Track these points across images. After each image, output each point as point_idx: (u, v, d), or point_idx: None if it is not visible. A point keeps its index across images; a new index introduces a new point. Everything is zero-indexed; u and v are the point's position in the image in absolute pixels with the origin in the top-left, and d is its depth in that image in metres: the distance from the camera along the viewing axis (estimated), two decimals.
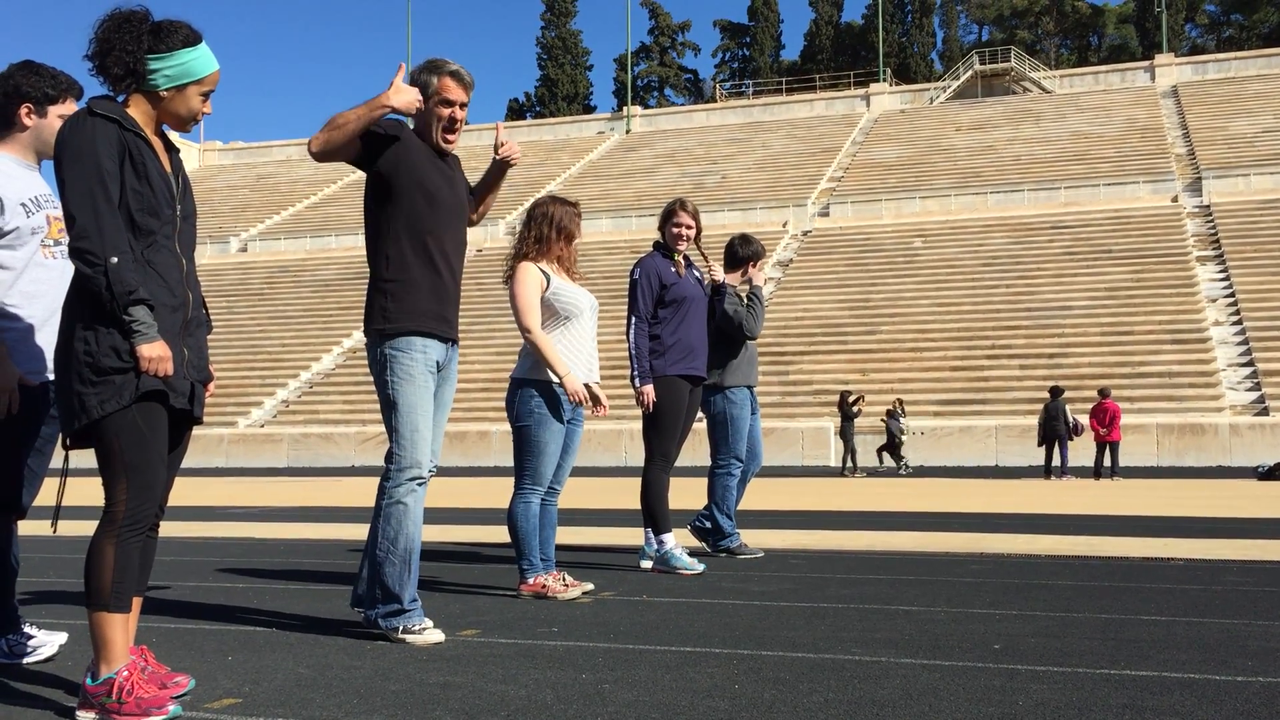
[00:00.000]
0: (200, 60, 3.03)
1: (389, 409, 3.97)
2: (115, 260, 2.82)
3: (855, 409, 23.01)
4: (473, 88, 4.09)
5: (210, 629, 4.25)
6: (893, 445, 24.58)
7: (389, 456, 3.97)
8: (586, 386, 5.24)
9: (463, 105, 4.06)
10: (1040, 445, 21.16)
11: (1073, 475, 20.31)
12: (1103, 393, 20.75)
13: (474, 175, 4.54)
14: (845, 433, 22.99)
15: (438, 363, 4.05)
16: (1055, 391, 21.03)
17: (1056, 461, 20.56)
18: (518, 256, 5.13)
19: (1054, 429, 20.59)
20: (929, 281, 37.74)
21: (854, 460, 22.97)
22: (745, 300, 6.87)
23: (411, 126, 4.12)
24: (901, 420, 24.63)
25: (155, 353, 2.87)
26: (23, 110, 3.63)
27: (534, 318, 5.01)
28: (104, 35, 2.95)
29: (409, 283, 3.97)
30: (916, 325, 34.78)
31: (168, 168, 3.05)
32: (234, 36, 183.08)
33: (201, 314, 3.13)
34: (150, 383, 2.89)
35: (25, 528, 8.71)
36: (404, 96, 3.80)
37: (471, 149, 64.24)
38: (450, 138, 4.08)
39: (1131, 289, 34.90)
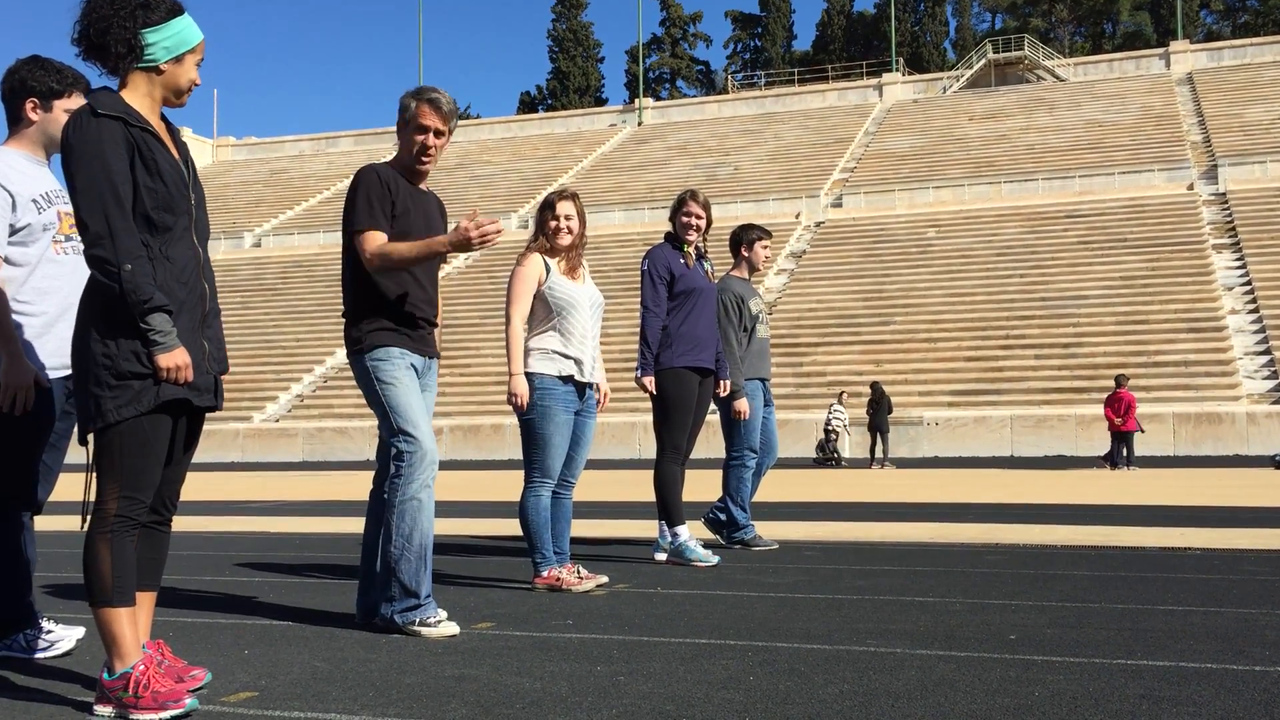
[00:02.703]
0: (191, 28, 3.01)
1: (386, 414, 4.01)
2: (130, 267, 2.79)
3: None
4: (453, 117, 4.17)
5: (226, 623, 4.27)
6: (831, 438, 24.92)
7: (397, 456, 3.99)
8: (596, 387, 5.23)
9: (438, 133, 4.13)
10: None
11: (1102, 465, 20.24)
12: (1118, 382, 20.65)
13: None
14: (883, 424, 22.89)
15: (416, 368, 4.11)
16: (1117, 381, 20.84)
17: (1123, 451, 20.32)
18: (528, 247, 5.18)
19: None
20: (943, 272, 37.61)
21: (886, 451, 22.95)
22: (752, 313, 6.83)
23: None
24: (843, 413, 25.02)
25: (174, 362, 2.84)
26: (28, 105, 3.62)
27: (516, 308, 5.05)
28: (98, 14, 2.89)
29: (381, 313, 4.04)
30: (930, 315, 34.66)
31: (176, 155, 3.02)
32: (247, 32, 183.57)
33: (218, 304, 3.11)
34: (171, 391, 2.87)
35: (41, 523, 8.78)
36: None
37: (483, 143, 64.41)
38: (423, 162, 4.14)
39: (1147, 278, 34.70)
